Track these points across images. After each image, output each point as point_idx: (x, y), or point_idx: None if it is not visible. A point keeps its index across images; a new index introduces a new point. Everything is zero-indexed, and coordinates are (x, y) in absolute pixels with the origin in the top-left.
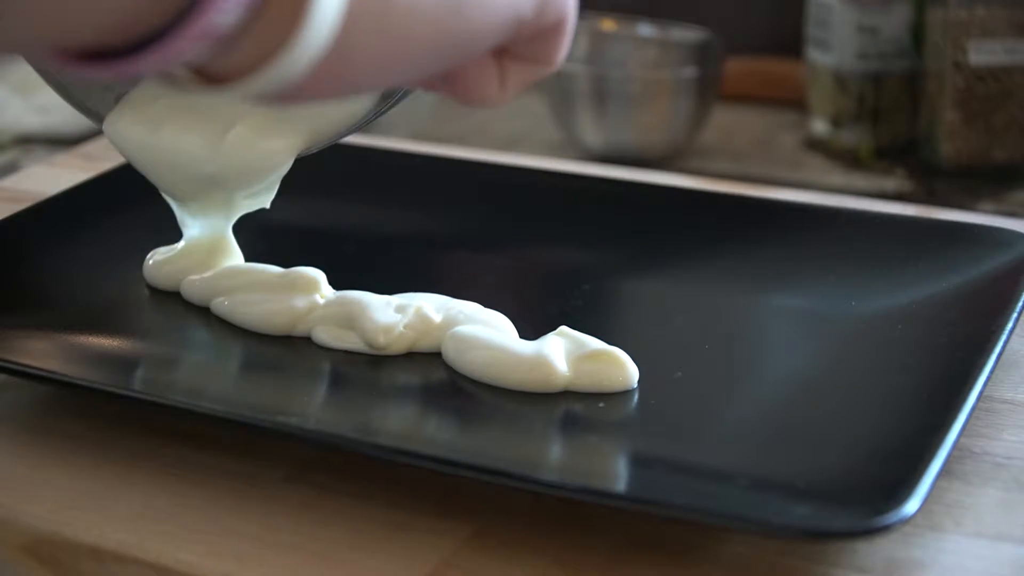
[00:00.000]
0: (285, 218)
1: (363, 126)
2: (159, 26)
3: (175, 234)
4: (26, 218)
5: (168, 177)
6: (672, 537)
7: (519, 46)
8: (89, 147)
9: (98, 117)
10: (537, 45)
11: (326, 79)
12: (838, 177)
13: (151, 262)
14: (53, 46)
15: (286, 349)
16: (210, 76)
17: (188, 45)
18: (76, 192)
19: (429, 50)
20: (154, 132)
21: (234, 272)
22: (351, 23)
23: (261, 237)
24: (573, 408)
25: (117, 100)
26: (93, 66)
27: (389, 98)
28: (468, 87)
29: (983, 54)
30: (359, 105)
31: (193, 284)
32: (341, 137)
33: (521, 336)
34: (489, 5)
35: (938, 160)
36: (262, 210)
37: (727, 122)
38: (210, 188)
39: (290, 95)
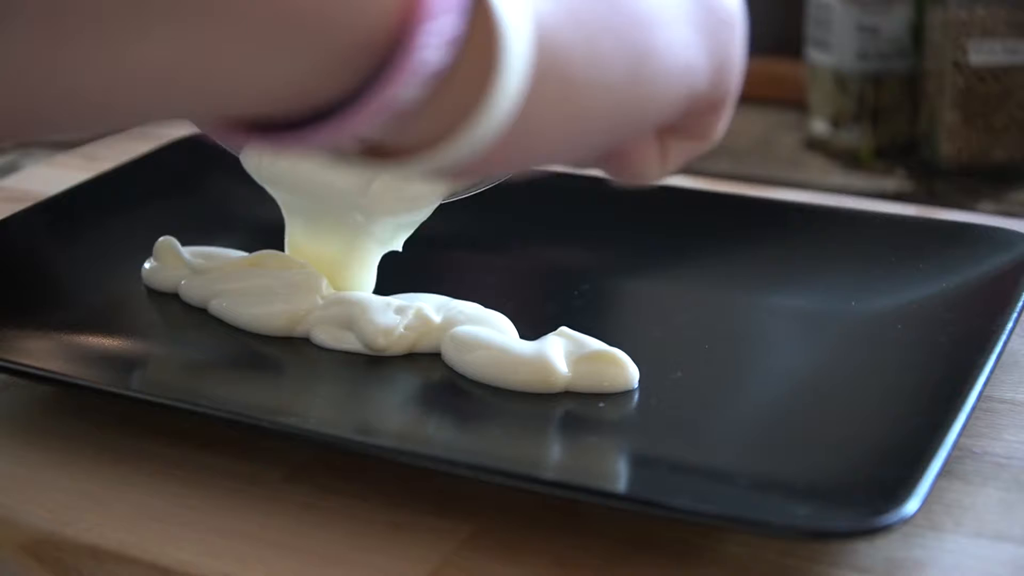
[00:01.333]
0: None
1: (505, 176)
2: (334, 99)
3: (173, 234)
4: (26, 218)
5: (307, 207)
6: (672, 537)
7: (683, 121)
8: (89, 147)
9: (236, 147)
10: (700, 120)
11: (503, 155)
12: (838, 177)
13: (147, 266)
14: (218, 117)
15: (286, 350)
16: (382, 151)
17: (366, 120)
18: (76, 192)
19: (605, 124)
20: (296, 168)
21: (233, 273)
22: (533, 97)
23: (262, 237)
24: (573, 408)
25: None
26: (257, 138)
27: None
28: (630, 164)
29: (983, 54)
30: None
31: (191, 285)
32: (484, 187)
33: (521, 336)
34: (667, 80)
35: (938, 160)
36: (262, 210)
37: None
38: (350, 216)
39: (464, 171)
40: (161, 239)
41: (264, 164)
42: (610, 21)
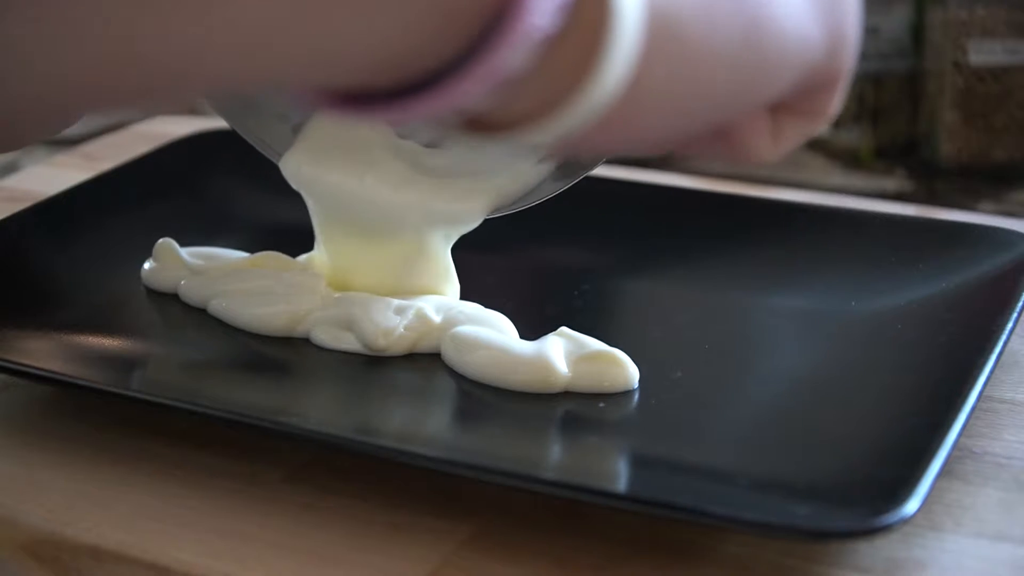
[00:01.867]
0: (286, 218)
1: (549, 194)
2: (438, 66)
3: (174, 234)
4: (26, 218)
5: (346, 215)
6: (672, 537)
7: (796, 97)
8: (89, 147)
9: (274, 152)
10: (814, 97)
11: (613, 128)
12: (838, 177)
13: (146, 266)
14: (315, 86)
15: (286, 350)
16: (484, 123)
17: (472, 89)
18: (76, 192)
19: (720, 94)
20: (341, 179)
21: (233, 273)
22: (646, 64)
23: (261, 237)
24: (573, 408)
25: (294, 131)
26: (352, 109)
27: (576, 169)
28: (742, 143)
29: (983, 54)
30: (543, 169)
31: (191, 286)
32: (527, 203)
33: (521, 336)
34: (783, 49)
35: (938, 160)
36: (262, 210)
37: None
38: (397, 230)
39: (571, 145)
40: (160, 240)
41: (303, 172)
42: None
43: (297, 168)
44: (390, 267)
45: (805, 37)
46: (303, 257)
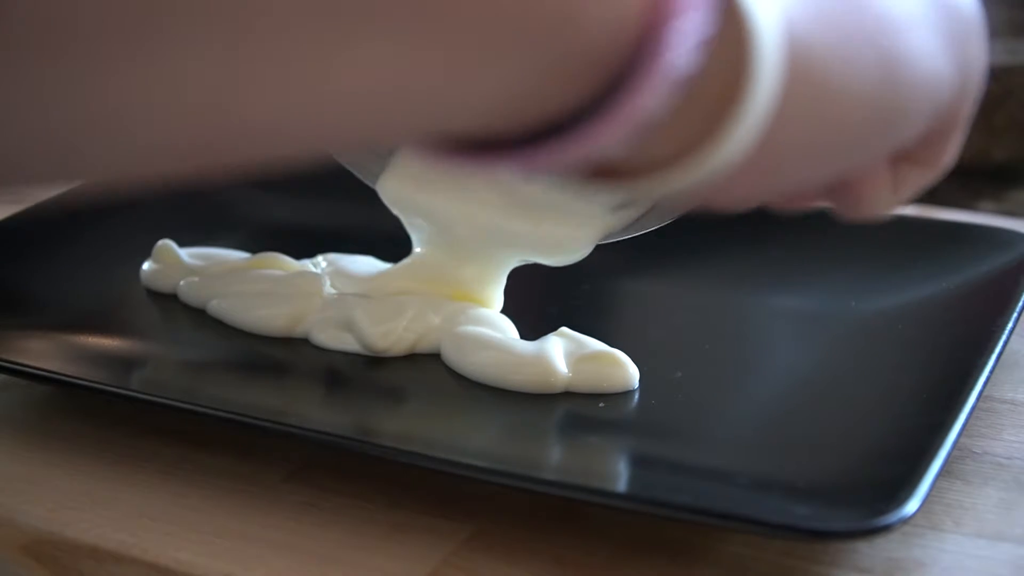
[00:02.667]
0: (286, 218)
1: (661, 223)
2: (565, 113)
3: (173, 234)
4: (26, 218)
5: (443, 238)
6: (672, 537)
7: (919, 143)
8: None
9: (370, 174)
10: (934, 142)
11: (747, 176)
12: None
13: (146, 267)
14: (429, 136)
15: (286, 350)
16: (610, 172)
17: (608, 135)
18: (76, 192)
19: (855, 140)
20: (439, 203)
21: (232, 274)
22: (785, 107)
23: (261, 237)
24: (573, 408)
25: (390, 153)
26: (473, 159)
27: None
28: (862, 195)
29: None
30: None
31: (190, 287)
32: (637, 231)
33: (521, 336)
34: (916, 90)
35: None
36: (262, 210)
37: None
38: (505, 256)
39: (703, 195)
40: (160, 242)
41: (401, 195)
42: (861, 23)
43: (395, 191)
44: (467, 286)
45: (939, 75)
46: (408, 260)
